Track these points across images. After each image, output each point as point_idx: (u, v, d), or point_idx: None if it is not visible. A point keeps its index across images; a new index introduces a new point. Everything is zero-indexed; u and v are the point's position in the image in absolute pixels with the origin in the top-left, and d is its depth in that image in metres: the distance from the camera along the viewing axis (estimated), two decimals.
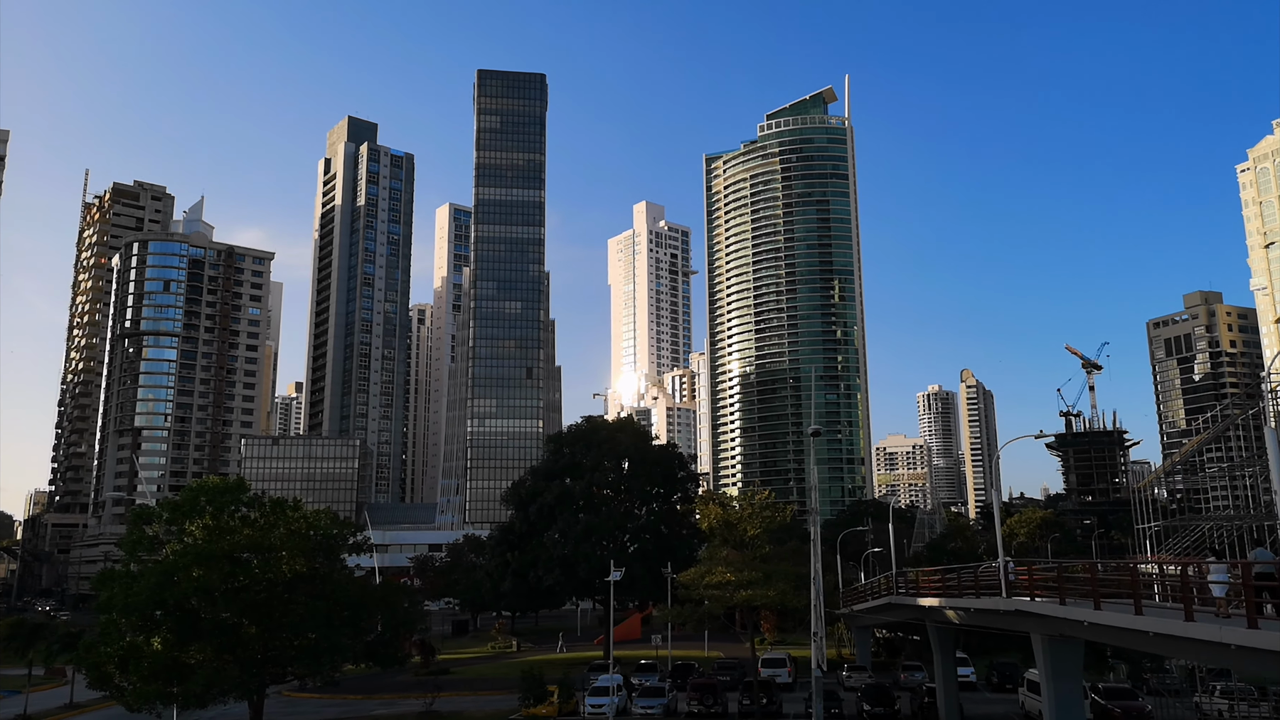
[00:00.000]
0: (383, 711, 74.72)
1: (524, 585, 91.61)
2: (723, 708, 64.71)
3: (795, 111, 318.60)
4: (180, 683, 54.96)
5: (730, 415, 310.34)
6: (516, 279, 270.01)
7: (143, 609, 54.83)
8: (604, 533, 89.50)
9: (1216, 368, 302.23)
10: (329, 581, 61.08)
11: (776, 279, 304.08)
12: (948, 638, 59.80)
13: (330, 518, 64.44)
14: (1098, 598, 32.87)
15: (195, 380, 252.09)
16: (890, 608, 64.29)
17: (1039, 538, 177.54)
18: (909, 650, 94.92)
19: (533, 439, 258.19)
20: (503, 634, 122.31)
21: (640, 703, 66.03)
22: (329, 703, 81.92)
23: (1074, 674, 41.60)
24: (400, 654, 68.67)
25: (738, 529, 67.50)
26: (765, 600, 58.68)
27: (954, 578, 53.37)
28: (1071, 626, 36.41)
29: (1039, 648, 41.42)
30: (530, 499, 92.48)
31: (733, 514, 69.60)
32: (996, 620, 44.73)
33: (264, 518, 59.94)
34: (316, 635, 57.94)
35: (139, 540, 59.54)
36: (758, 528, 67.11)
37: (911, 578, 62.70)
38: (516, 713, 67.01)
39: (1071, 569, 40.58)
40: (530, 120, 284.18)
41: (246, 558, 58.35)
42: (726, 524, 68.49)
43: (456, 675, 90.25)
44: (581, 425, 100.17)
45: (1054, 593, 37.38)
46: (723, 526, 69.14)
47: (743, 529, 67.44)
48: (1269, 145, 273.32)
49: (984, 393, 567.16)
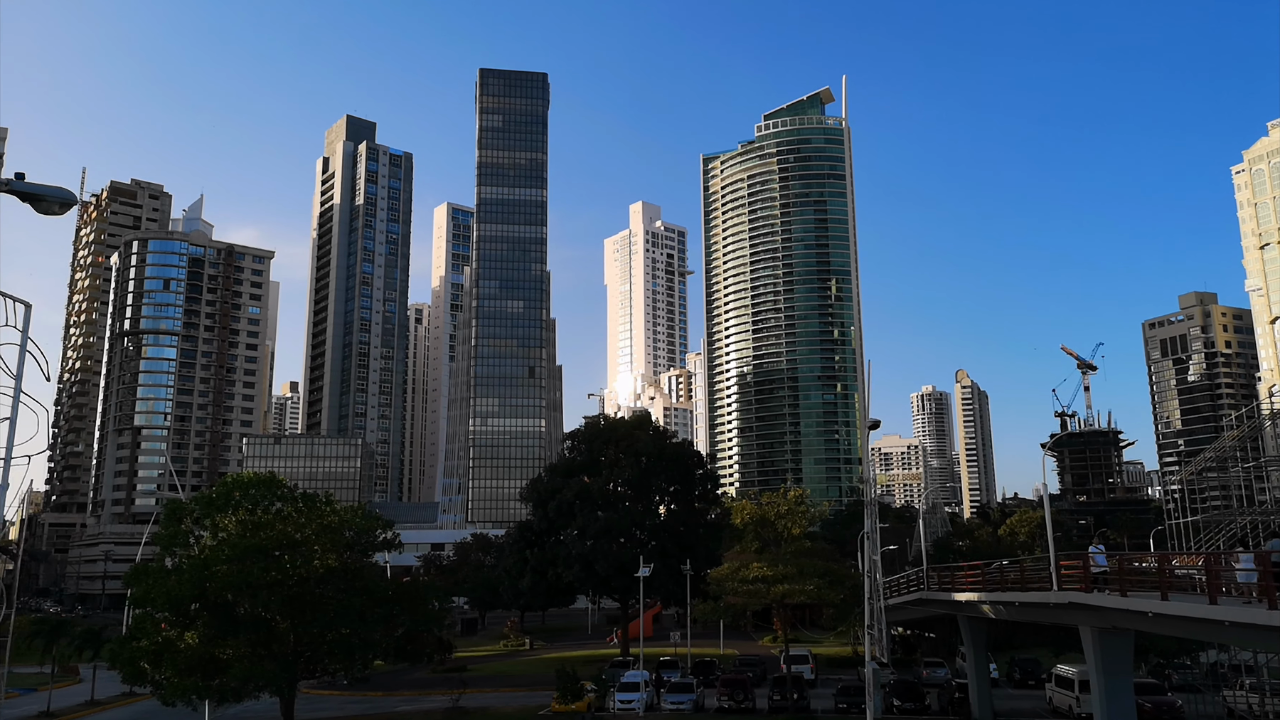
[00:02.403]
0: (407, 708, 74.65)
1: (543, 582, 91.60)
2: (753, 703, 65.03)
3: (793, 112, 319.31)
4: (216, 677, 54.99)
5: (728, 415, 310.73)
6: (519, 278, 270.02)
7: (180, 603, 54.77)
8: (623, 530, 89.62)
9: (1212, 369, 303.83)
10: (361, 577, 61.17)
11: (774, 279, 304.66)
12: (981, 633, 60.07)
13: (361, 514, 64.51)
14: (1165, 588, 33.09)
15: (195, 379, 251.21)
16: (921, 603, 64.57)
17: (1039, 537, 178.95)
18: (925, 647, 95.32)
19: (535, 438, 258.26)
20: (515, 632, 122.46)
21: (670, 698, 66.29)
22: (351, 699, 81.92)
23: (1125, 667, 41.83)
24: (429, 650, 68.78)
25: (775, 526, 67.57)
26: (802, 595, 58.77)
27: (996, 571, 53.61)
28: (1131, 618, 36.62)
29: (1089, 641, 41.55)
30: (549, 496, 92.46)
31: (769, 511, 69.64)
32: (1044, 614, 44.95)
33: (298, 513, 60.01)
34: (350, 630, 58.05)
35: (174, 535, 59.42)
36: (801, 526, 67.19)
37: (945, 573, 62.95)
38: (545, 709, 67.08)
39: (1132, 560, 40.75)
40: (532, 119, 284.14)
41: (279, 553, 58.35)
42: (761, 520, 68.60)
43: (475, 673, 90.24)
44: (599, 422, 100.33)
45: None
46: (756, 523, 69.27)
47: (781, 526, 67.52)
48: (1264, 147, 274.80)
49: (979, 393, 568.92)
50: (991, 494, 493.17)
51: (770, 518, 67.73)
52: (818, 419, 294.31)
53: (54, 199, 12.90)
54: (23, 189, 12.75)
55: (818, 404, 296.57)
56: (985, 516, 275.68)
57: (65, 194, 13.04)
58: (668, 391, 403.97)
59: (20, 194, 12.79)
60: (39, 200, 12.89)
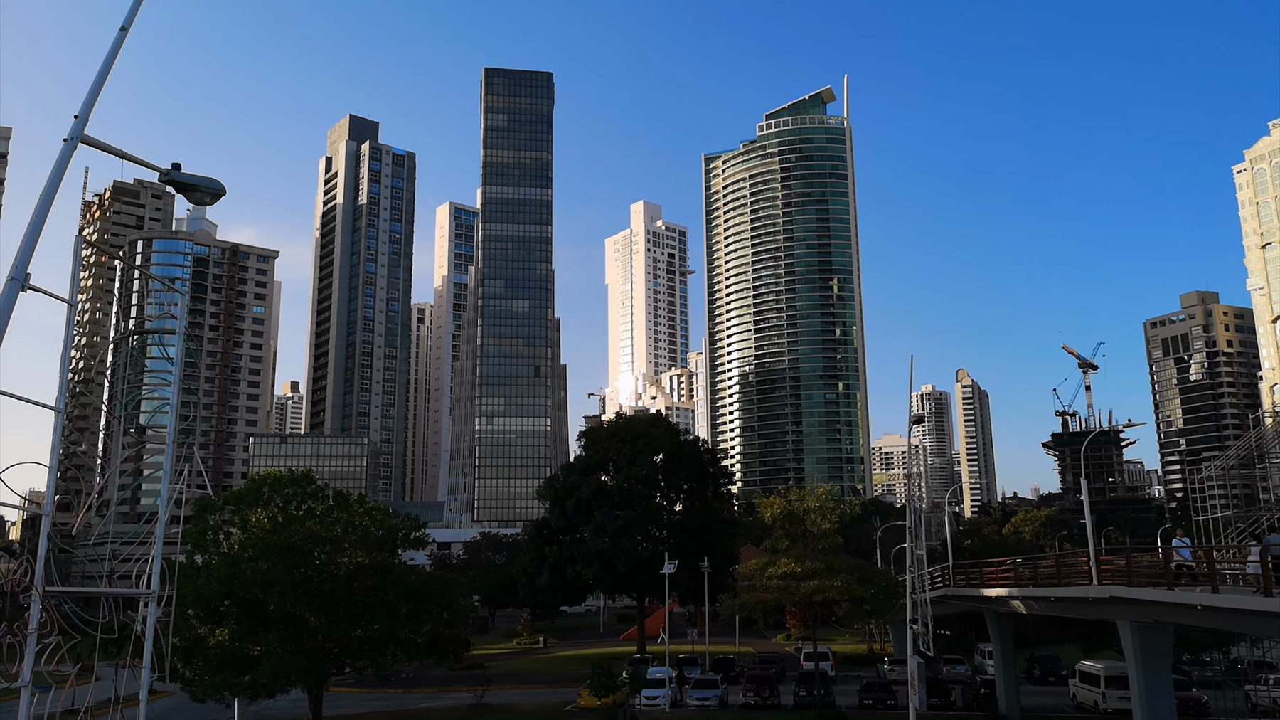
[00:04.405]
0: (429, 705, 74.81)
1: (561, 580, 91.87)
2: (778, 699, 65.37)
3: (794, 111, 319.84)
4: (246, 673, 55.21)
5: (730, 414, 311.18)
6: (524, 277, 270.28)
7: (212, 600, 54.95)
8: (640, 528, 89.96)
9: (1213, 368, 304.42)
10: (389, 573, 61.41)
11: (776, 278, 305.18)
12: (1008, 630, 60.37)
13: (390, 511, 64.77)
14: (1215, 582, 33.36)
15: (200, 379, 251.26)
16: (945, 600, 64.85)
17: (1043, 535, 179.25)
18: (942, 644, 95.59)
19: (541, 438, 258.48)
20: (528, 630, 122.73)
21: (695, 694, 66.62)
22: (371, 696, 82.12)
23: (1164, 662, 42.08)
24: (455, 648, 68.99)
25: (804, 521, 67.88)
26: (832, 591, 59.09)
27: (1030, 566, 53.92)
28: (1177, 612, 36.85)
29: (1128, 636, 41.78)
30: (566, 494, 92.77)
31: (798, 507, 69.96)
32: (1080, 609, 45.16)
33: (328, 510, 60.23)
34: (379, 626, 58.30)
35: (204, 532, 59.59)
36: (832, 522, 67.51)
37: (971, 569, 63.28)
38: (568, 705, 67.32)
39: None
40: (537, 119, 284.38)
41: (310, 549, 58.56)
42: (790, 516, 68.88)
43: (492, 670, 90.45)
44: (615, 421, 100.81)
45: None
46: (785, 519, 69.53)
47: (811, 522, 67.83)
48: (1265, 146, 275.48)
49: (979, 392, 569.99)
50: (992, 493, 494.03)
51: (799, 513, 68.01)
52: (820, 418, 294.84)
53: (207, 189, 13.17)
54: (180, 179, 13.01)
55: (820, 403, 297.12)
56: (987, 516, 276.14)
57: (216, 185, 13.29)
58: (669, 391, 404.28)
59: (176, 184, 13.05)
60: (192, 190, 13.16)
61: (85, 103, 11.61)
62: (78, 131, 11.43)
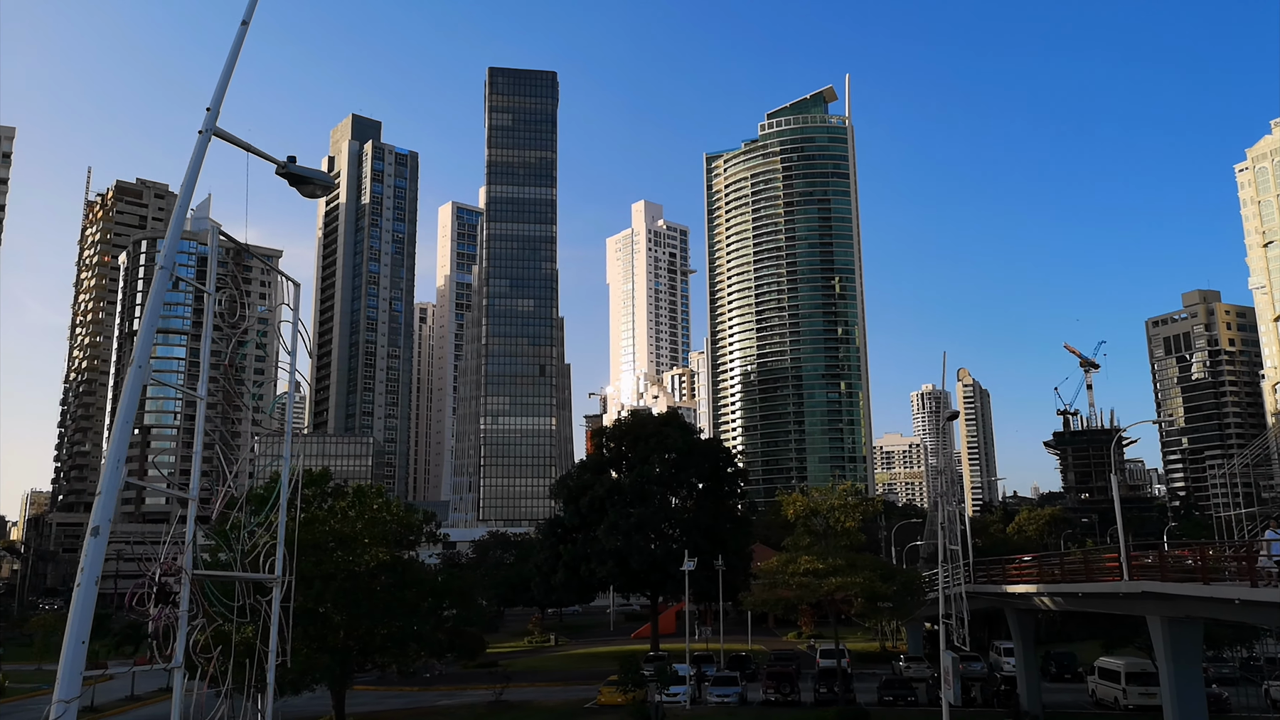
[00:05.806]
0: (448, 702, 74.90)
1: (575, 578, 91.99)
2: (798, 695, 65.54)
3: (796, 110, 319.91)
4: None
5: (732, 413, 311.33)
6: (529, 277, 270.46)
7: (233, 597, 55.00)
8: (654, 526, 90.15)
9: (1215, 366, 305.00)
10: (410, 570, 61.57)
11: (777, 277, 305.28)
12: (1029, 626, 60.58)
13: (409, 508, 64.85)
14: (1254, 576, 33.52)
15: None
16: (971, 596, 64.93)
17: (1047, 534, 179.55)
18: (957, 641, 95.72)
19: (546, 436, 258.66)
20: (539, 628, 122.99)
21: (715, 691, 66.74)
22: (388, 694, 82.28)
23: (1194, 657, 42.23)
24: (473, 645, 69.21)
25: (827, 518, 68.06)
26: (855, 588, 59.29)
27: (1057, 562, 54.11)
28: (1212, 606, 36.99)
29: (1158, 631, 41.92)
30: (580, 492, 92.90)
31: (821, 504, 70.17)
32: (1108, 604, 45.34)
33: (349, 507, 60.34)
34: (401, 623, 58.44)
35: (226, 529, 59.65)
36: (854, 519, 67.70)
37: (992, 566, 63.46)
38: (588, 702, 67.50)
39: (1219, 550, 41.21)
40: (541, 118, 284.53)
41: (331, 546, 58.69)
42: (812, 512, 69.11)
43: (506, 668, 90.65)
44: (628, 419, 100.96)
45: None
46: (807, 515, 69.74)
47: (834, 519, 68.02)
48: (1267, 145, 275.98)
49: (980, 391, 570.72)
50: (993, 492, 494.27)
51: (823, 510, 68.21)
52: (821, 417, 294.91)
53: (319, 183, 13.40)
54: (295, 172, 13.20)
55: (822, 402, 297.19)
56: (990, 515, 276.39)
57: (328, 179, 13.47)
58: (671, 390, 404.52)
59: (290, 177, 13.23)
60: (305, 183, 13.35)
61: (215, 95, 11.74)
62: (210, 124, 11.53)
